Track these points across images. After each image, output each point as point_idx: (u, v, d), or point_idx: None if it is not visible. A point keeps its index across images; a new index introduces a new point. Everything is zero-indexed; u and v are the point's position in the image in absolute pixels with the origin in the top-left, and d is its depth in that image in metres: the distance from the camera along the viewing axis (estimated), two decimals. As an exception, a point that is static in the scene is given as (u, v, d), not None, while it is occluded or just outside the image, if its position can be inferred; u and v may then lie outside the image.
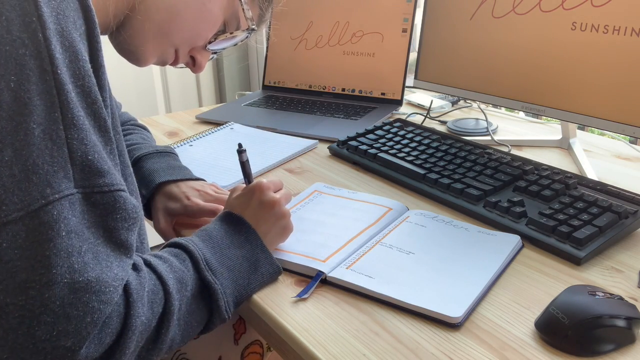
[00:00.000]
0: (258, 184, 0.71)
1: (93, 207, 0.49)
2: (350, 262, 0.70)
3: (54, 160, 0.46)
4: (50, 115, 0.46)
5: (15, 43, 0.45)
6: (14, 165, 0.44)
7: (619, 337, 0.57)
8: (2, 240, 0.44)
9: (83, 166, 0.48)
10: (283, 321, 0.62)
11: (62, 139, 0.47)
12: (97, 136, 0.50)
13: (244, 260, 0.64)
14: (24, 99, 0.45)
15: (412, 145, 1.01)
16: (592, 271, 0.69)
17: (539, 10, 0.98)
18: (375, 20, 1.34)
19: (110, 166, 0.51)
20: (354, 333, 0.60)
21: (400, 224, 0.79)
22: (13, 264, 0.44)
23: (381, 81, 1.35)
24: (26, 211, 0.45)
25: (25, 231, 0.45)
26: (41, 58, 0.46)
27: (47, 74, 0.46)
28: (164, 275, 0.55)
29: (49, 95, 0.46)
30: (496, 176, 0.87)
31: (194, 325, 0.59)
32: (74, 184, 0.47)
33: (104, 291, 0.47)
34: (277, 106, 1.35)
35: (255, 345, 0.89)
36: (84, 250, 0.47)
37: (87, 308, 0.46)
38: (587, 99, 0.93)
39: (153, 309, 0.53)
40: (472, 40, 1.10)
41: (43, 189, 0.45)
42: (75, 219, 0.47)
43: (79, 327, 0.46)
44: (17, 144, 0.45)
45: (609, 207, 0.76)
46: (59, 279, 0.45)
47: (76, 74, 0.48)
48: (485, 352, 0.56)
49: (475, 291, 0.63)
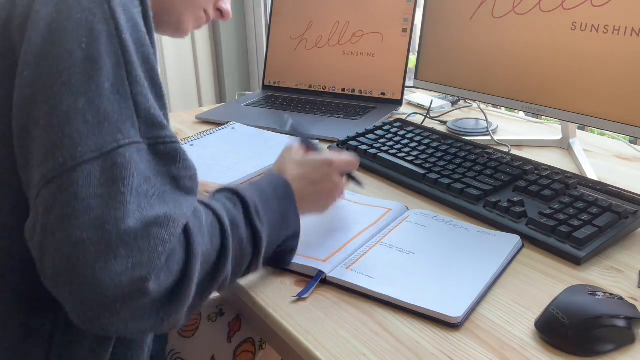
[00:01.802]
0: (339, 158, 0.75)
1: (158, 156, 0.53)
2: (350, 262, 0.70)
3: (122, 111, 0.51)
4: (117, 72, 0.51)
5: (85, 12, 0.50)
6: (87, 112, 0.49)
7: (619, 337, 0.57)
8: (78, 178, 0.47)
9: (147, 119, 0.52)
10: (283, 321, 0.62)
11: (128, 93, 0.51)
12: (154, 98, 0.55)
13: (279, 214, 0.66)
14: (94, 57, 0.50)
15: (412, 145, 1.01)
16: (592, 271, 0.69)
17: (539, 10, 0.98)
18: (375, 20, 1.34)
19: (168, 123, 0.55)
20: (354, 333, 0.60)
21: (400, 224, 0.79)
22: (88, 201, 0.47)
23: (381, 81, 1.35)
24: (100, 152, 0.48)
25: (100, 171, 0.48)
26: (108, 24, 0.51)
27: (113, 37, 0.51)
28: (219, 212, 0.58)
29: (116, 55, 0.51)
30: (496, 176, 0.87)
31: (242, 265, 0.61)
32: (140, 135, 0.52)
33: (172, 225, 0.50)
34: (277, 106, 1.35)
35: (248, 343, 0.89)
36: (150, 193, 0.50)
37: (157, 240, 0.49)
38: (587, 99, 0.93)
39: (212, 241, 0.56)
40: (472, 40, 1.10)
41: (114, 134, 0.49)
42: (143, 164, 0.51)
43: (151, 257, 0.48)
44: (90, 94, 0.49)
45: (609, 207, 0.76)
46: (131, 214, 0.48)
47: (137, 41, 0.53)
48: (485, 352, 0.56)
49: (475, 291, 0.63)
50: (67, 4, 0.50)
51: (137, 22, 0.54)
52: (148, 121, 0.52)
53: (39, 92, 0.49)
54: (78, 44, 0.50)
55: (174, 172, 0.54)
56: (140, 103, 0.52)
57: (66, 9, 0.50)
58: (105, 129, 0.49)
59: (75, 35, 0.50)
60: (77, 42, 0.50)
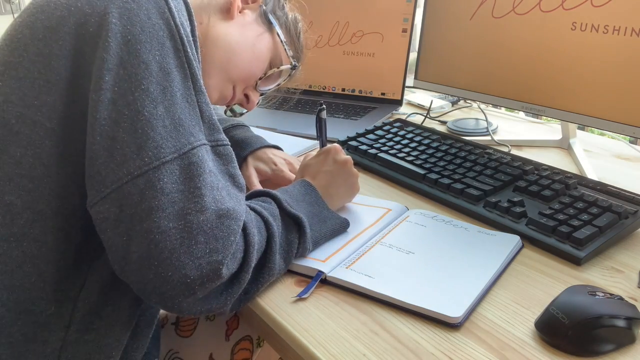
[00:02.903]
0: (333, 145, 0.83)
1: (219, 157, 0.61)
2: (350, 261, 0.70)
3: (192, 117, 0.58)
4: (185, 83, 0.59)
5: (155, 27, 0.57)
6: (165, 118, 0.56)
7: (619, 337, 0.57)
8: (163, 176, 0.54)
9: (209, 124, 0.60)
10: (283, 321, 0.62)
11: (194, 102, 0.59)
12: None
13: (312, 214, 0.73)
14: (166, 69, 0.57)
15: (412, 145, 1.01)
16: (592, 271, 0.69)
17: (539, 10, 0.98)
18: (375, 20, 1.34)
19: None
20: (354, 333, 0.60)
21: (400, 224, 0.79)
22: (172, 196, 0.54)
23: (381, 81, 1.35)
24: (178, 153, 0.56)
25: (179, 169, 0.56)
26: (174, 40, 0.58)
27: (179, 52, 0.59)
28: (258, 209, 0.66)
29: (182, 68, 0.59)
30: (496, 176, 0.87)
31: (291, 251, 0.68)
32: (205, 137, 0.59)
33: (238, 217, 0.58)
34: (277, 106, 1.35)
35: (246, 341, 0.89)
36: (220, 187, 0.58)
37: (230, 230, 0.57)
38: (587, 99, 0.93)
39: (261, 233, 0.63)
40: (472, 40, 1.10)
41: (189, 137, 0.57)
42: (211, 163, 0.59)
43: (224, 244, 0.56)
44: (166, 102, 0.56)
45: (609, 207, 0.75)
46: (208, 206, 0.56)
47: (194, 55, 0.60)
48: (485, 352, 0.56)
49: (475, 291, 0.63)
50: (139, 18, 0.57)
51: (190, 39, 0.61)
52: (210, 126, 0.60)
53: (119, 97, 0.55)
54: (153, 56, 0.56)
55: (231, 171, 0.62)
56: (204, 110, 0.60)
57: (139, 22, 0.56)
58: (180, 133, 0.56)
59: (149, 48, 0.56)
60: (152, 54, 0.56)
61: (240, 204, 0.60)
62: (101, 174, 0.54)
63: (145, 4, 0.57)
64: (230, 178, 0.61)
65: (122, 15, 0.56)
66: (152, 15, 0.57)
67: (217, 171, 0.60)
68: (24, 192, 0.57)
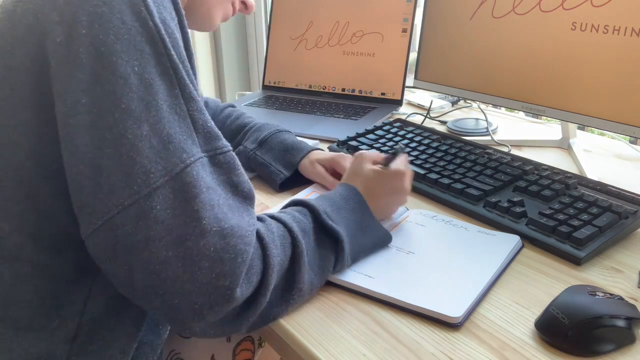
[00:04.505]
0: (401, 172, 0.76)
1: (218, 167, 0.55)
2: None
3: (182, 130, 0.52)
4: (171, 92, 0.52)
5: (130, 32, 0.50)
6: (152, 138, 0.50)
7: (619, 337, 0.57)
8: (155, 204, 0.50)
9: (205, 133, 0.55)
10: (283, 321, 0.62)
11: (185, 111, 0.53)
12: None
13: (355, 222, 0.69)
14: (148, 80, 0.51)
15: (412, 145, 1.01)
16: (592, 271, 0.69)
17: (539, 10, 0.98)
18: (375, 20, 1.34)
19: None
20: (354, 333, 0.60)
21: (400, 224, 0.79)
22: (168, 223, 0.50)
23: (381, 81, 1.35)
24: (170, 175, 0.51)
25: (173, 193, 0.51)
26: (155, 43, 0.51)
27: (162, 57, 0.52)
28: (288, 223, 0.62)
29: (167, 74, 0.52)
30: (496, 176, 0.87)
31: (326, 267, 0.64)
32: (200, 149, 0.54)
33: (246, 235, 0.54)
34: (277, 106, 1.35)
35: (247, 341, 0.89)
36: (220, 203, 0.53)
37: (237, 250, 0.52)
38: (587, 99, 0.93)
39: (285, 251, 0.59)
40: (472, 40, 1.10)
41: (180, 155, 0.51)
42: (208, 177, 0.53)
43: (232, 267, 0.52)
44: (151, 119, 0.50)
45: (609, 207, 0.75)
46: (209, 228, 0.51)
47: (180, 56, 0.54)
48: (485, 352, 0.56)
49: (475, 291, 0.63)
50: (112, 24, 0.50)
51: (175, 37, 0.54)
52: (206, 135, 0.55)
53: (99, 119, 0.49)
54: (131, 68, 0.50)
55: (234, 179, 0.57)
56: (197, 119, 0.54)
57: (112, 29, 0.50)
58: (170, 151, 0.51)
59: (126, 59, 0.50)
60: (130, 65, 0.50)
61: (244, 217, 0.55)
62: (89, 206, 0.51)
63: (118, 5, 0.51)
64: (233, 188, 0.56)
65: (92, 23, 0.50)
66: (126, 18, 0.51)
67: (217, 184, 0.54)
68: (10, 215, 0.55)
